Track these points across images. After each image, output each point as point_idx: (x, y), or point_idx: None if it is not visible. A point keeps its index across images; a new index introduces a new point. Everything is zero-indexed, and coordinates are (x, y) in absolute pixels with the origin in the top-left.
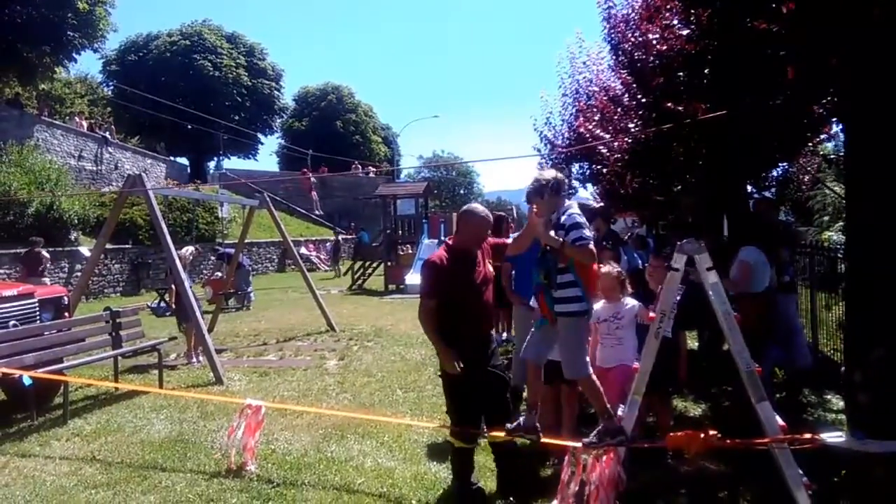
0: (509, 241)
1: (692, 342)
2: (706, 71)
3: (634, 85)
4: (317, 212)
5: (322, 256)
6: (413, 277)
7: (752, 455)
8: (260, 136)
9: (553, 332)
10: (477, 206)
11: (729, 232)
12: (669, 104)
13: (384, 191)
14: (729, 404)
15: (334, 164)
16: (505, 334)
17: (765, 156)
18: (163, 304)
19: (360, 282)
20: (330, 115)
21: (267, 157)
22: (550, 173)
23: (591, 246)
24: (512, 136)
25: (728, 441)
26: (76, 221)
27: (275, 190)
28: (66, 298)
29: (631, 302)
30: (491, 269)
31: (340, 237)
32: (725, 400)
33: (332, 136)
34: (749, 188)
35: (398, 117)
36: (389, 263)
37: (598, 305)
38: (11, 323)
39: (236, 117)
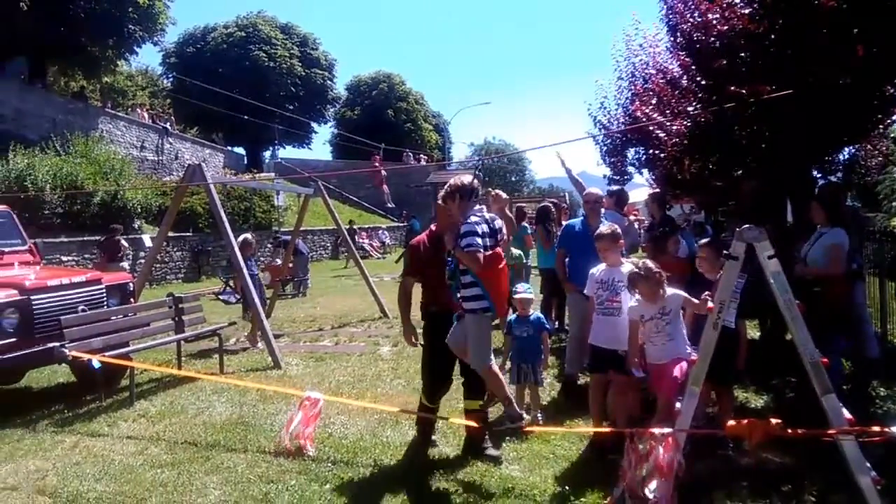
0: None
1: (753, 331)
2: (771, 51)
3: (693, 67)
4: (389, 204)
5: (374, 244)
6: None
7: (816, 448)
8: (313, 125)
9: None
10: None
11: (794, 217)
12: (732, 87)
13: (436, 178)
14: (793, 396)
15: (386, 151)
16: (557, 323)
17: (831, 138)
18: (228, 289)
19: None
20: (381, 104)
21: (320, 146)
22: (466, 179)
23: (479, 254)
24: (565, 122)
25: (791, 431)
26: (139, 210)
27: (329, 179)
28: (131, 284)
29: (672, 293)
30: None
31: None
32: (789, 391)
33: (384, 124)
34: (814, 172)
35: (449, 105)
36: None
37: (634, 303)
38: (80, 308)
39: (290, 107)
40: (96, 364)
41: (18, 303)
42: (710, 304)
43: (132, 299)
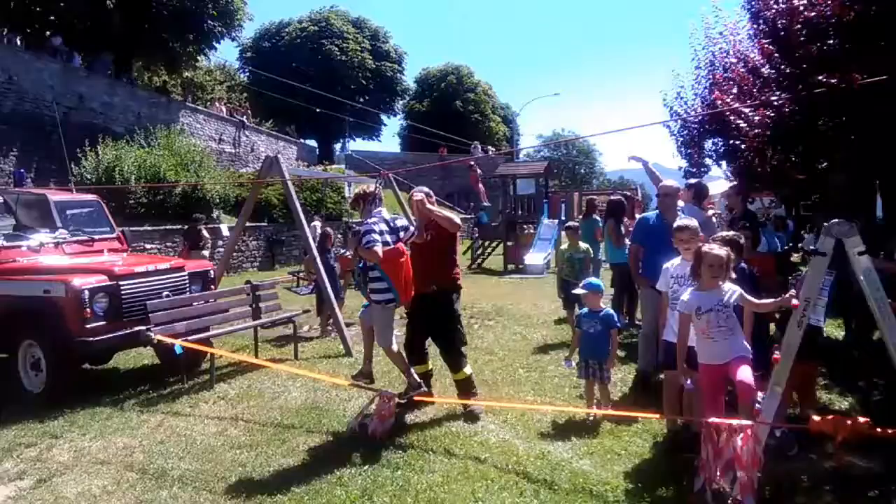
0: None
1: (838, 331)
2: (863, 38)
3: (777, 55)
4: (484, 203)
5: None
6: (533, 257)
7: None
8: (382, 117)
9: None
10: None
11: (885, 213)
12: (820, 75)
13: (504, 171)
14: (881, 398)
15: (454, 144)
16: (628, 319)
17: None
18: (301, 283)
19: (479, 261)
20: (450, 96)
21: (389, 138)
22: (370, 188)
23: (377, 248)
24: (637, 113)
25: (879, 430)
26: (217, 201)
27: (397, 171)
28: (212, 272)
29: (731, 286)
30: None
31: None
32: (877, 394)
33: (452, 116)
34: None
35: (519, 96)
36: (509, 243)
37: (687, 295)
38: (165, 294)
39: (361, 100)
40: (178, 349)
41: (108, 288)
42: (795, 302)
43: (212, 286)
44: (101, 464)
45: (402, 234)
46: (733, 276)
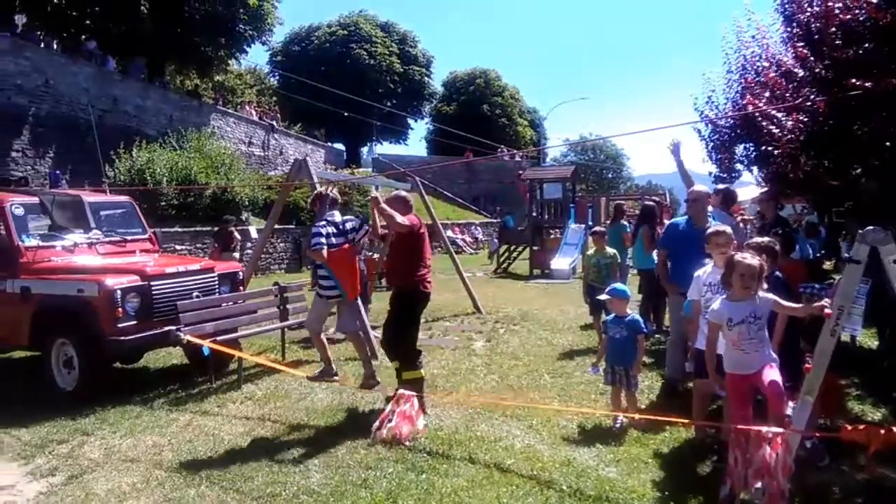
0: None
1: (871, 340)
2: None
3: (811, 58)
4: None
5: (468, 239)
6: (559, 262)
7: None
8: (410, 121)
9: (349, 308)
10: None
11: None
12: (855, 79)
13: (530, 175)
14: None
15: (482, 144)
16: (655, 326)
17: None
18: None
19: (504, 265)
20: (477, 100)
21: (416, 141)
22: (324, 191)
23: (323, 251)
24: (667, 118)
25: None
26: (246, 203)
27: (423, 174)
28: (241, 273)
29: (764, 296)
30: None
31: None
32: None
33: (479, 119)
34: None
35: (546, 100)
36: (535, 248)
37: (718, 304)
38: (195, 294)
39: (388, 104)
40: (206, 349)
41: (140, 288)
42: (827, 310)
43: (241, 287)
44: (131, 461)
45: (351, 235)
46: (765, 286)
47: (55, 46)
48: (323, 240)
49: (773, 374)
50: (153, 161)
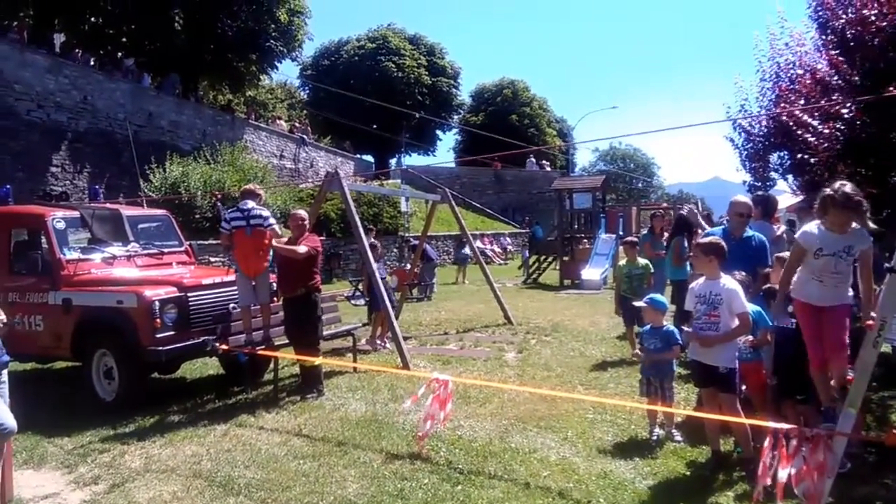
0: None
1: None
2: None
3: (846, 66)
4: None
5: (496, 250)
6: (589, 273)
7: None
8: (438, 132)
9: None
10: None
11: None
12: (891, 86)
13: (559, 185)
14: None
15: (510, 154)
16: None
17: None
18: (357, 292)
19: (534, 276)
20: (505, 110)
21: (444, 152)
22: (248, 188)
23: (224, 233)
24: (700, 128)
25: None
26: (278, 215)
27: (452, 185)
28: (274, 285)
29: (863, 233)
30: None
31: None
32: None
33: (508, 130)
34: None
35: (574, 109)
36: (565, 258)
37: (815, 229)
38: (230, 305)
39: (416, 115)
40: (242, 357)
41: (177, 299)
42: (869, 321)
43: (276, 298)
44: (171, 471)
45: (253, 220)
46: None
47: (92, 63)
48: (226, 224)
49: (840, 329)
50: (187, 175)
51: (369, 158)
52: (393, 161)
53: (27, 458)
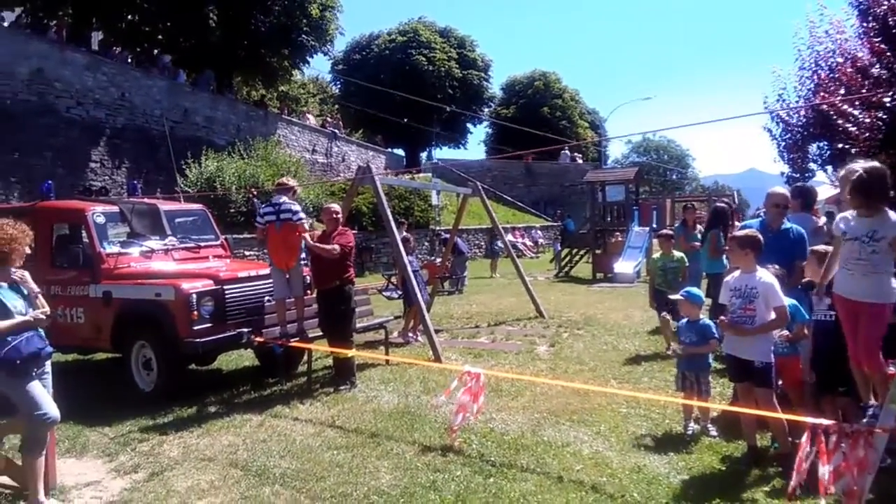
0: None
1: None
2: None
3: (889, 53)
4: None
5: (528, 243)
6: (623, 266)
7: None
8: (469, 125)
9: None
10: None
11: None
12: None
13: (592, 177)
14: None
15: (543, 146)
16: None
17: None
18: (390, 286)
19: (566, 269)
20: (536, 102)
21: (475, 145)
22: (284, 180)
23: (258, 227)
24: (737, 119)
25: None
26: (311, 209)
27: (483, 178)
28: (308, 278)
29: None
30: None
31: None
32: None
33: (539, 122)
34: None
35: (607, 101)
36: (598, 251)
37: (849, 214)
38: (265, 298)
39: (447, 108)
40: (277, 348)
41: (214, 292)
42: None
43: (309, 291)
44: (208, 460)
45: (284, 216)
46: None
47: (129, 61)
48: (260, 219)
49: (871, 330)
50: (222, 169)
51: (400, 152)
52: (423, 155)
53: (69, 447)
